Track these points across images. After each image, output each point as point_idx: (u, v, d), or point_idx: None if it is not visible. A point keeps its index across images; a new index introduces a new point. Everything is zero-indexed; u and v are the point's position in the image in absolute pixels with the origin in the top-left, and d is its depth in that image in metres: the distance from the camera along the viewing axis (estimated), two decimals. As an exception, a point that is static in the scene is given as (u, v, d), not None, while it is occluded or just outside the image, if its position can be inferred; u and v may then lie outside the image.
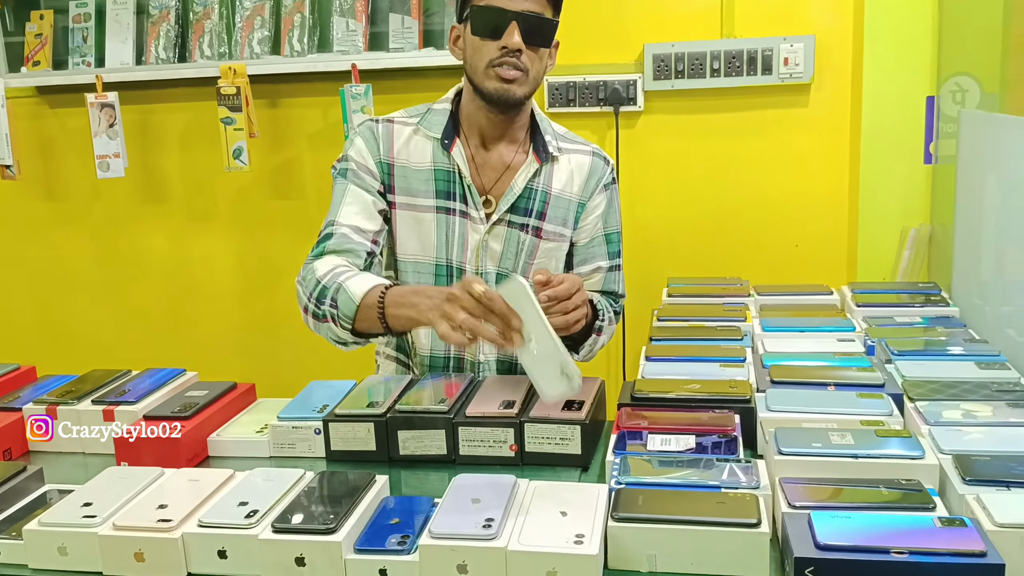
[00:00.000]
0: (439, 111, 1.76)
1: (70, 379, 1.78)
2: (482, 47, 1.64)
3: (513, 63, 1.62)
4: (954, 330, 1.83)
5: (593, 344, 1.78)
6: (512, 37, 1.61)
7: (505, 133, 1.76)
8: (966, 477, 1.19)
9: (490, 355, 1.82)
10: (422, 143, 1.75)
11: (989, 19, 2.16)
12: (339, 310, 1.59)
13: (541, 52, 1.66)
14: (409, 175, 1.74)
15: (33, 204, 3.26)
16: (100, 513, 1.21)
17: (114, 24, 2.94)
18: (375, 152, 1.74)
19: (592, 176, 1.81)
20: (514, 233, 1.76)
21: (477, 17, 1.64)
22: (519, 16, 1.61)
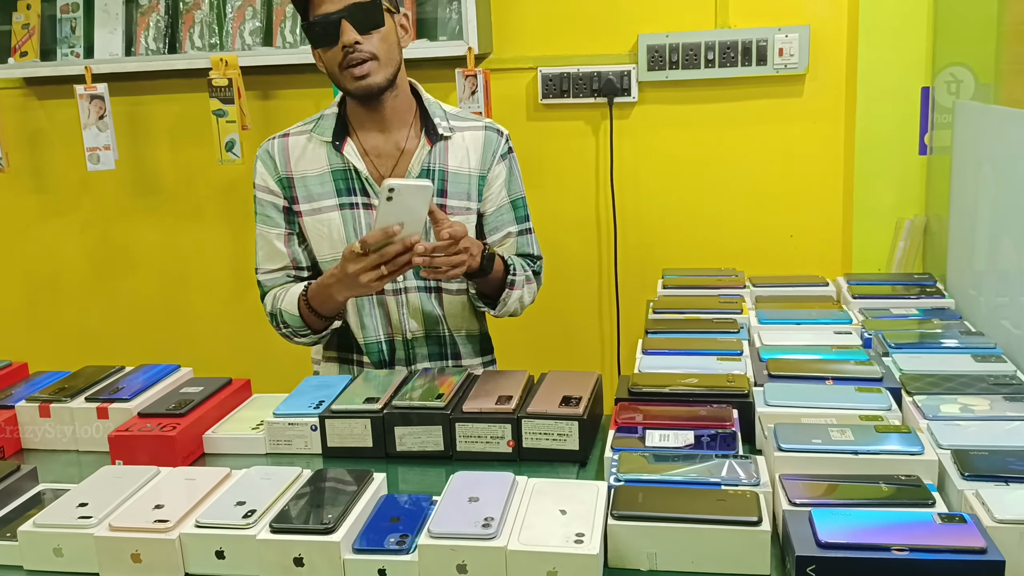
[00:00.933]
0: (329, 116, 1.86)
1: (63, 376, 1.77)
2: (328, 55, 1.73)
3: (357, 58, 1.70)
4: (950, 322, 1.83)
5: (507, 298, 1.82)
6: (346, 35, 1.69)
7: (389, 119, 1.82)
8: (965, 472, 1.19)
9: (417, 331, 1.89)
10: (317, 149, 1.84)
11: (984, 9, 2.16)
12: (291, 328, 1.83)
13: (382, 32, 1.72)
14: (309, 183, 1.84)
15: (22, 197, 3.23)
16: (96, 514, 1.21)
17: (103, 14, 2.91)
18: (273, 172, 1.87)
19: (487, 149, 1.87)
20: None
21: (311, 34, 1.74)
22: (343, 12, 1.69)
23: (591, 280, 2.92)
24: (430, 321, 1.89)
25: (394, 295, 1.86)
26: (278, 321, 1.85)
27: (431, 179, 1.80)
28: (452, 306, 1.90)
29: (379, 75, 1.73)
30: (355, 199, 1.83)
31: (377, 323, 1.88)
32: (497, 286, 1.80)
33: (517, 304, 1.85)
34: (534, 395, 1.54)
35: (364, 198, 1.83)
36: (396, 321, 1.88)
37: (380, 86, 1.74)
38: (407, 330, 1.88)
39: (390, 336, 1.89)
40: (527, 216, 1.94)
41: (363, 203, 1.83)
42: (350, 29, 1.68)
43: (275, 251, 1.89)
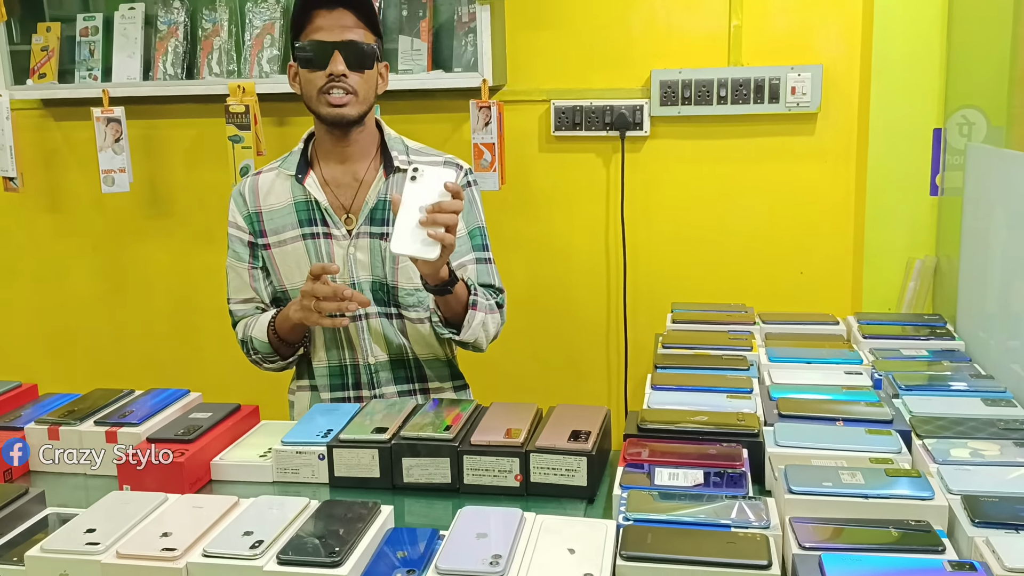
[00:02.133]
0: (295, 152, 1.95)
1: (72, 398, 1.77)
2: (312, 78, 1.82)
3: (341, 87, 1.80)
4: (960, 364, 1.83)
5: (471, 319, 1.83)
6: (336, 64, 1.79)
7: (353, 151, 1.90)
8: (975, 519, 1.18)
9: (380, 356, 1.94)
10: (282, 184, 1.94)
11: (997, 53, 2.17)
12: (261, 353, 1.94)
13: (367, 74, 1.83)
14: (275, 217, 1.93)
15: (35, 217, 3.25)
16: (103, 540, 1.20)
17: (122, 38, 2.94)
18: (242, 208, 1.96)
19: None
20: (375, 242, 1.90)
21: (303, 52, 1.82)
22: (339, 45, 1.79)
23: (600, 313, 2.92)
24: (393, 346, 1.93)
25: (354, 321, 1.91)
26: (248, 348, 1.96)
27: (387, 210, 1.87)
28: (416, 332, 1.94)
29: (353, 110, 1.82)
30: (316, 229, 1.91)
31: (341, 348, 1.94)
32: (461, 308, 1.83)
33: (481, 331, 1.87)
34: (543, 429, 1.54)
35: (324, 227, 1.90)
36: (358, 347, 1.93)
37: (351, 119, 1.83)
38: (370, 355, 1.93)
39: (355, 360, 1.95)
40: (486, 246, 1.99)
41: (323, 232, 1.91)
42: (340, 61, 1.78)
43: (243, 283, 1.99)
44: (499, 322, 1.95)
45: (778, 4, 2.65)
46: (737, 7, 2.65)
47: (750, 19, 2.66)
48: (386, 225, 1.89)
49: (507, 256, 2.82)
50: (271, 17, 2.83)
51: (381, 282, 1.90)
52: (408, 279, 1.89)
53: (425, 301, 1.91)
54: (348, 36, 1.80)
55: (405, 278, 1.89)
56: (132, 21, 2.93)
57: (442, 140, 2.84)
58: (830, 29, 2.63)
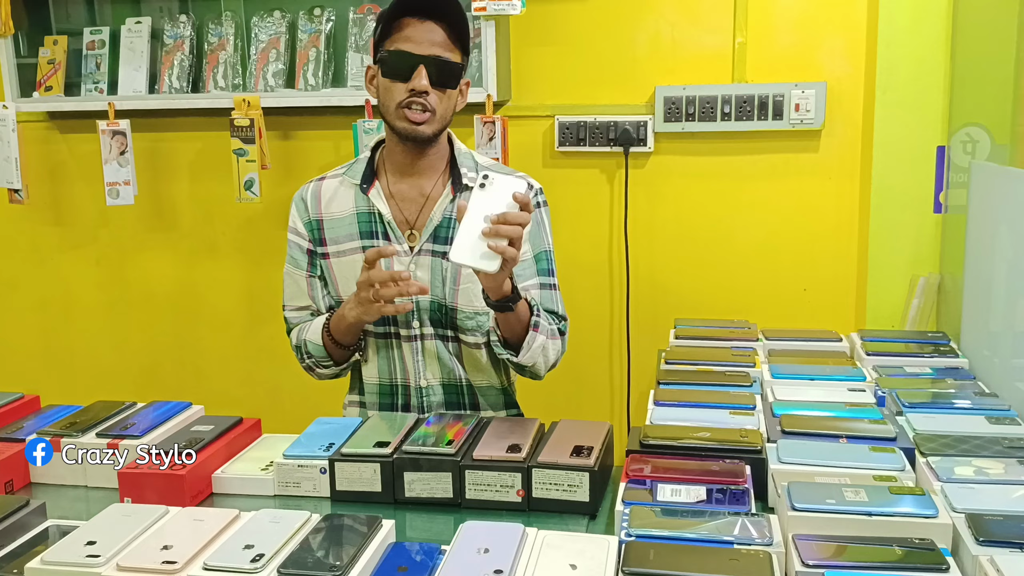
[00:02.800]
0: (362, 160, 1.90)
1: (74, 410, 1.77)
2: (392, 88, 1.75)
3: (421, 104, 1.73)
4: (964, 382, 1.82)
5: (531, 341, 1.75)
6: (419, 80, 1.72)
7: (422, 166, 1.85)
8: (980, 538, 1.18)
9: (433, 380, 1.88)
10: (346, 192, 1.88)
11: (1001, 70, 2.17)
12: (315, 358, 1.87)
13: (449, 92, 1.77)
14: (336, 226, 1.88)
15: (40, 229, 3.26)
16: (104, 552, 1.20)
17: (128, 52, 2.96)
18: (304, 215, 1.91)
19: None
20: (437, 261, 1.83)
21: (387, 61, 1.74)
22: (426, 60, 1.72)
23: (603, 328, 2.92)
24: (446, 370, 1.87)
25: (408, 341, 1.86)
26: (302, 353, 1.89)
27: (452, 228, 1.80)
28: (471, 357, 1.89)
29: (430, 128, 1.76)
30: (376, 242, 1.84)
31: (394, 366, 1.88)
32: (522, 328, 1.75)
33: (540, 355, 1.79)
34: (545, 444, 1.54)
35: (386, 241, 1.84)
36: (411, 368, 1.87)
37: (427, 137, 1.77)
38: (422, 378, 1.87)
39: (406, 381, 1.88)
40: (551, 271, 1.91)
41: (384, 246, 1.82)
42: (424, 77, 1.71)
43: (300, 291, 1.93)
44: (559, 349, 1.86)
45: (782, 21, 2.65)
46: (741, 24, 2.66)
47: (754, 36, 2.67)
48: (449, 244, 1.78)
49: (510, 271, 2.82)
50: (276, 32, 2.85)
51: (440, 303, 1.84)
52: (468, 302, 1.83)
53: (484, 325, 1.85)
54: (436, 51, 1.73)
55: (465, 300, 1.83)
56: (138, 35, 2.94)
57: (446, 155, 2.84)
58: (834, 46, 2.64)
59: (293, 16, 2.85)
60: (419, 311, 1.84)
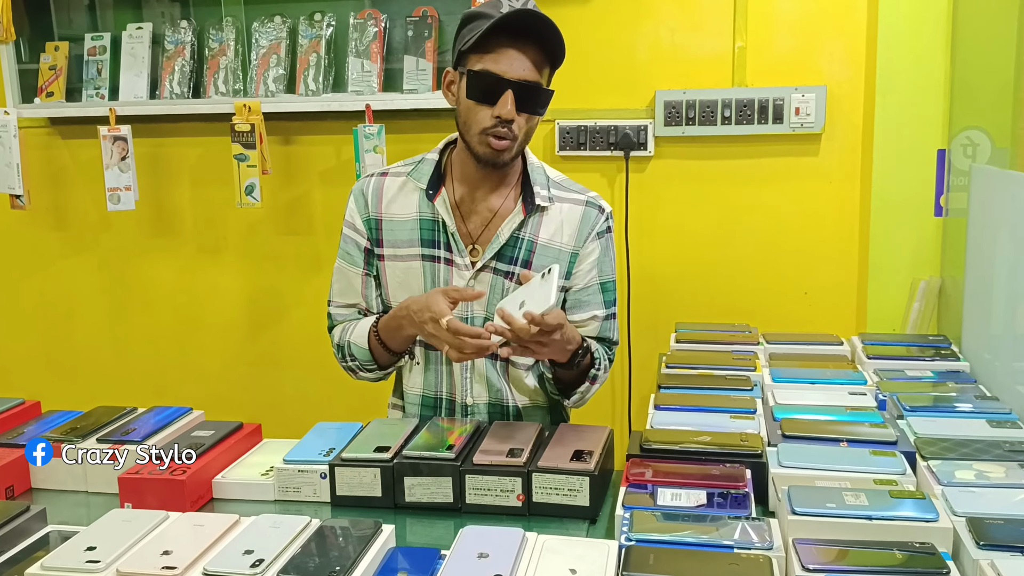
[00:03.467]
0: (429, 161, 1.80)
1: (75, 415, 1.77)
2: (476, 111, 1.65)
3: (504, 134, 1.64)
4: (965, 386, 1.82)
5: (586, 392, 1.77)
6: (506, 106, 1.61)
7: (494, 181, 1.77)
8: (980, 541, 1.17)
9: (479, 398, 1.82)
10: (411, 193, 1.79)
11: (1001, 73, 2.17)
12: (358, 360, 1.80)
13: (535, 119, 1.69)
14: (396, 227, 1.79)
15: (41, 234, 3.26)
16: (103, 558, 1.20)
17: (129, 58, 2.96)
18: (363, 210, 1.81)
19: (584, 225, 1.80)
20: (499, 280, 1.77)
21: (474, 82, 1.64)
22: (515, 85, 1.61)
23: (604, 332, 2.91)
24: (494, 390, 1.81)
25: None
26: (344, 354, 1.82)
27: (518, 248, 1.76)
28: (518, 379, 1.83)
29: (510, 153, 1.68)
30: (437, 252, 1.77)
31: (441, 380, 1.83)
32: (577, 377, 1.73)
33: (590, 396, 1.79)
34: (545, 449, 1.53)
35: (447, 253, 1.76)
36: (459, 384, 1.81)
37: (507, 162, 1.70)
38: (468, 395, 1.82)
39: (452, 397, 1.82)
40: (615, 301, 1.85)
41: (444, 257, 1.76)
42: (512, 103, 1.61)
43: (351, 288, 1.84)
44: (605, 378, 1.82)
45: (782, 25, 2.66)
46: (741, 28, 2.66)
47: (754, 40, 2.67)
48: (514, 264, 1.76)
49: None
50: (277, 37, 2.85)
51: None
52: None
53: None
54: (525, 76, 1.61)
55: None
56: (139, 41, 2.95)
57: (447, 159, 2.85)
58: (834, 50, 2.64)
59: (294, 21, 2.86)
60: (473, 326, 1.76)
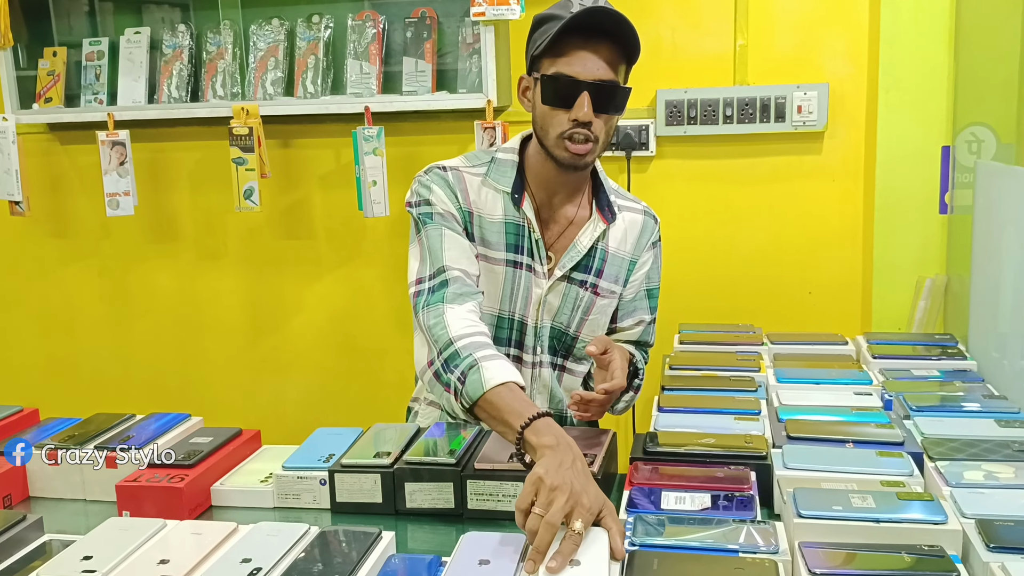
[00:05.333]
0: (505, 162, 1.73)
1: (73, 423, 1.76)
2: (553, 116, 1.60)
3: (584, 135, 1.59)
4: (972, 385, 1.80)
5: (631, 400, 1.78)
6: (582, 109, 1.56)
7: (571, 187, 1.74)
8: (990, 544, 1.16)
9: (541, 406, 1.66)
10: (492, 195, 1.72)
11: (1005, 69, 2.16)
12: (465, 388, 1.46)
13: (615, 119, 1.64)
14: (484, 226, 1.71)
15: (41, 241, 3.25)
16: (100, 568, 1.18)
17: (127, 63, 2.95)
18: (454, 200, 1.70)
19: (644, 235, 1.82)
20: (573, 289, 1.75)
21: (548, 86, 1.59)
22: (591, 86, 1.56)
23: (607, 333, 2.90)
24: (555, 400, 1.80)
25: (531, 368, 1.77)
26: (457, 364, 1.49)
27: (592, 257, 1.74)
28: (570, 385, 1.82)
29: (591, 157, 1.63)
30: (521, 258, 1.72)
31: None
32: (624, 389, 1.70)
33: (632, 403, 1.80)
34: (547, 452, 1.51)
35: (529, 259, 1.72)
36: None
37: (587, 165, 1.66)
38: None
39: None
40: (657, 307, 1.88)
41: (527, 264, 1.72)
42: (588, 105, 1.56)
43: (471, 257, 1.68)
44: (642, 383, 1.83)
45: (783, 23, 2.64)
46: (742, 27, 2.65)
47: (755, 39, 2.65)
48: (588, 273, 1.74)
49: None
50: (275, 40, 2.84)
51: (562, 330, 1.76)
52: (591, 332, 1.76)
53: None
54: (602, 76, 1.56)
55: (589, 331, 1.76)
56: (137, 45, 2.94)
57: (447, 161, 2.83)
58: (836, 47, 2.62)
59: (291, 24, 2.84)
60: (541, 337, 1.75)
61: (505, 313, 1.74)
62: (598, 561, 1.13)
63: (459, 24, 2.76)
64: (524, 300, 1.73)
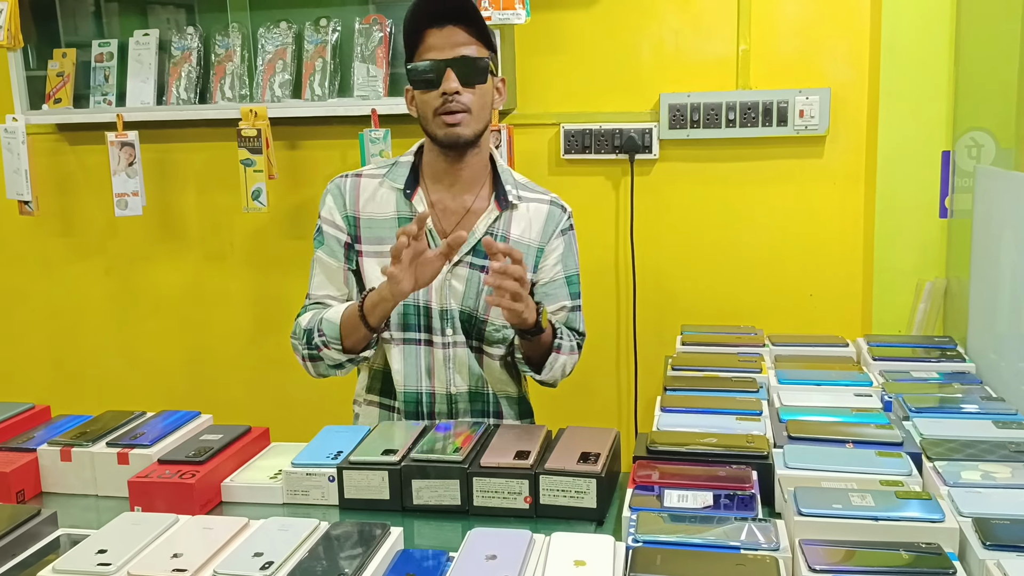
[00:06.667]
0: (403, 163, 1.90)
1: (84, 420, 1.78)
2: (426, 98, 1.78)
3: (454, 107, 1.75)
4: (971, 387, 1.82)
5: (554, 361, 1.83)
6: (449, 83, 1.74)
7: (464, 177, 1.87)
8: (986, 542, 1.18)
9: (461, 386, 1.90)
10: (388, 194, 1.89)
11: (1005, 75, 2.18)
12: (326, 336, 1.79)
13: (481, 89, 1.78)
14: (375, 225, 1.88)
15: (49, 240, 3.28)
16: (115, 561, 1.21)
17: (136, 64, 2.98)
18: (342, 208, 1.90)
19: (549, 223, 1.92)
20: (475, 274, 1.86)
21: (416, 73, 1.78)
22: (451, 62, 1.74)
23: (609, 335, 2.92)
24: (474, 378, 1.90)
25: (443, 348, 1.87)
26: (312, 332, 1.81)
27: None
28: (491, 367, 1.91)
29: (468, 128, 1.78)
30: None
31: (421, 373, 1.89)
32: (544, 350, 1.81)
33: (560, 372, 1.86)
34: (552, 451, 1.54)
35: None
36: (441, 374, 1.89)
37: (467, 139, 1.79)
38: (451, 385, 1.89)
39: (431, 388, 1.89)
40: (579, 293, 1.97)
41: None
42: (453, 78, 1.74)
43: (333, 280, 1.91)
44: (575, 362, 1.93)
45: (785, 28, 2.66)
46: (745, 31, 2.67)
47: (758, 43, 2.68)
48: (487, 259, 1.83)
49: (517, 278, 2.82)
50: (283, 43, 2.86)
51: (471, 314, 1.87)
52: (498, 315, 1.84)
53: (509, 339, 1.89)
54: (460, 52, 1.75)
55: (496, 314, 1.86)
56: (146, 47, 2.96)
57: (452, 163, 2.85)
58: (838, 52, 2.64)
59: (299, 27, 2.87)
60: (451, 320, 1.87)
61: (409, 300, 1.84)
62: (603, 561, 1.16)
63: (465, 27, 2.78)
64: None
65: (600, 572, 1.14)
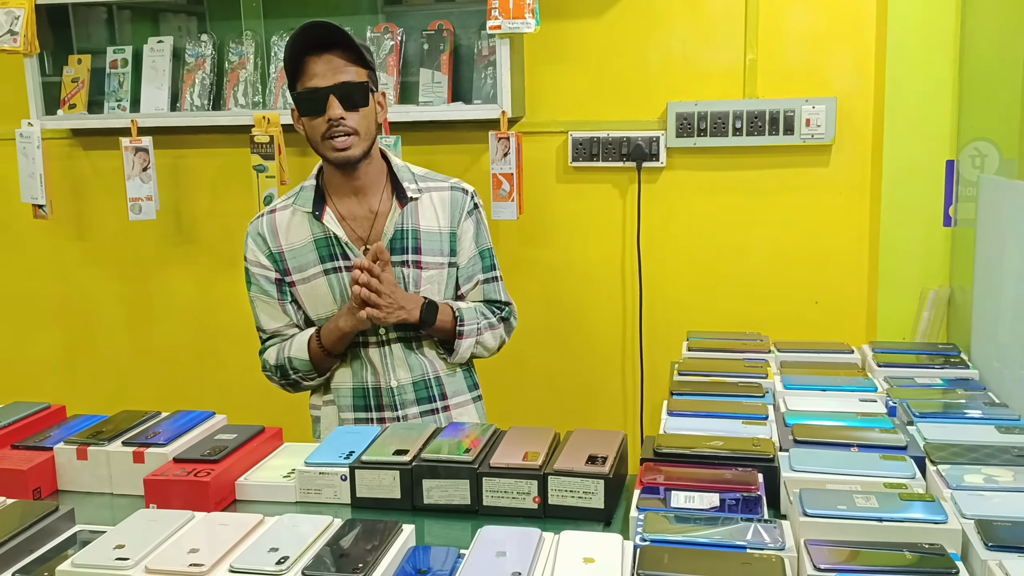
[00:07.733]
0: (308, 187, 2.01)
1: (100, 419, 1.81)
2: (313, 125, 1.89)
3: (341, 131, 1.87)
4: (974, 393, 1.84)
5: (457, 346, 1.99)
6: (333, 110, 1.85)
7: (363, 185, 1.98)
8: (989, 543, 1.19)
9: (403, 378, 2.03)
10: (300, 220, 2.00)
11: (1009, 86, 2.20)
12: (300, 373, 2.01)
13: (364, 111, 1.90)
14: (297, 255, 2.01)
15: (63, 244, 3.31)
16: (132, 556, 1.23)
17: (150, 70, 3.02)
18: (264, 248, 2.03)
19: (454, 207, 2.04)
20: (396, 270, 1.98)
21: (300, 102, 1.89)
22: (333, 89, 1.85)
23: (616, 340, 2.95)
24: (415, 369, 2.03)
25: (377, 347, 1.99)
26: (286, 369, 2.02)
27: (405, 239, 1.98)
28: (434, 347, 2.05)
29: (357, 148, 1.89)
30: (337, 263, 1.99)
31: (364, 372, 2.02)
32: (448, 336, 1.99)
33: (472, 350, 2.03)
34: (560, 452, 1.56)
35: (345, 261, 1.98)
36: (381, 371, 2.02)
37: (357, 158, 1.90)
38: (392, 379, 2.02)
39: (377, 384, 2.02)
40: (494, 265, 2.10)
41: (344, 266, 1.98)
42: (337, 105, 1.85)
43: (276, 315, 2.06)
44: (502, 334, 2.08)
45: (792, 38, 2.69)
46: (752, 41, 2.70)
47: (765, 53, 2.70)
48: (405, 253, 1.99)
49: (525, 284, 2.86)
50: (296, 50, 2.89)
51: None
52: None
53: None
54: (340, 78, 1.85)
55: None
56: (160, 54, 3.00)
57: (461, 170, 2.89)
58: (844, 62, 2.67)
59: (311, 35, 2.90)
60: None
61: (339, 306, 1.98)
62: (612, 559, 1.18)
63: (475, 37, 2.82)
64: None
65: (609, 569, 1.16)
